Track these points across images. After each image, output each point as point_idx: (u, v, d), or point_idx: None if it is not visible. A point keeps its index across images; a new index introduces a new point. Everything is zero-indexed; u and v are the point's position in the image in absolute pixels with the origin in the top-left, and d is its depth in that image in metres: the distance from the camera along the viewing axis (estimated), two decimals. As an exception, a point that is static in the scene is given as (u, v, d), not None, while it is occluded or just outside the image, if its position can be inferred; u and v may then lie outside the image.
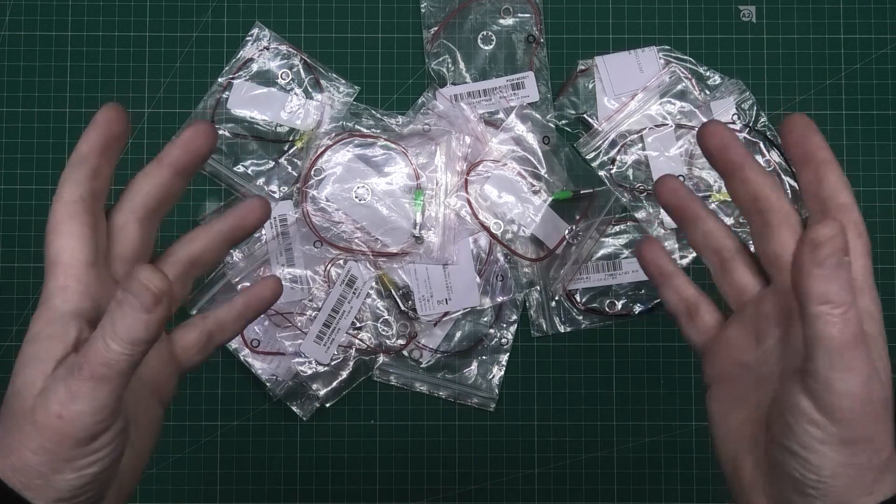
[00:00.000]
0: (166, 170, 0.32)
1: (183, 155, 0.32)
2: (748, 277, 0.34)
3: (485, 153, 0.57)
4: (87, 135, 0.31)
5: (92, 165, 0.31)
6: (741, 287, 0.34)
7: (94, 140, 0.31)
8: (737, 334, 0.33)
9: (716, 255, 0.34)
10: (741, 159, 0.33)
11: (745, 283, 0.34)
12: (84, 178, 0.30)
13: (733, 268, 0.34)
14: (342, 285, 0.56)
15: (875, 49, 0.58)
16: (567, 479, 0.57)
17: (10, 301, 0.57)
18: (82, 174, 0.30)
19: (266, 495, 0.57)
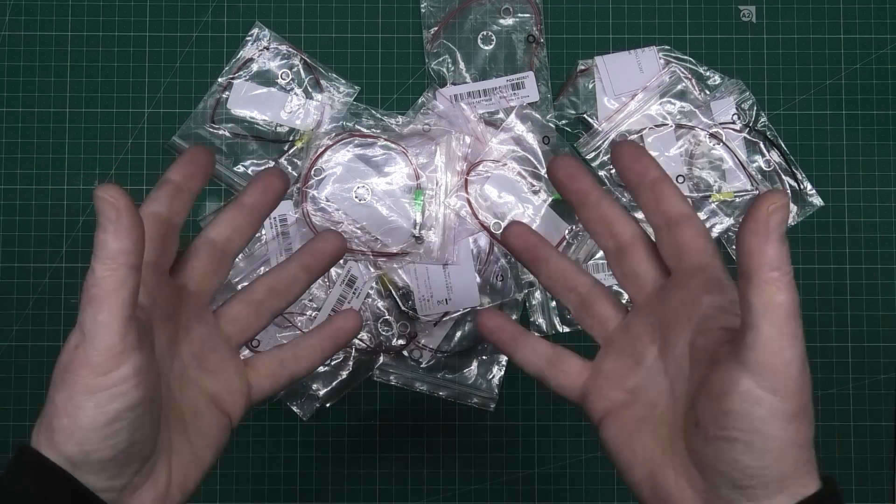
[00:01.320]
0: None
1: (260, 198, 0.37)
2: (608, 309, 0.35)
3: (485, 153, 0.57)
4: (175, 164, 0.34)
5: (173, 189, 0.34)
6: (603, 319, 0.35)
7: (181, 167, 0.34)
8: (613, 365, 0.34)
9: (572, 292, 0.36)
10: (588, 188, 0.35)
11: (607, 315, 0.35)
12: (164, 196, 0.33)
13: (592, 302, 0.35)
14: (342, 285, 0.56)
15: (875, 49, 0.58)
16: (567, 479, 0.58)
17: (10, 301, 0.57)
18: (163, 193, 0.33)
19: (266, 495, 0.57)
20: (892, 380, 0.58)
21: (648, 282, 0.34)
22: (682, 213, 0.32)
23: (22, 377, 0.57)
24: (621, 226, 0.34)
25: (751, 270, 0.26)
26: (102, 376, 0.28)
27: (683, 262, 0.32)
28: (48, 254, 0.57)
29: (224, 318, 0.36)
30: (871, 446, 0.57)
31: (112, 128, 0.58)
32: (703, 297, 0.31)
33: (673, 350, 0.32)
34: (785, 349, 0.26)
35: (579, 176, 0.34)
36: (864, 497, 0.57)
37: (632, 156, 0.33)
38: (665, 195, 0.32)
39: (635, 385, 0.33)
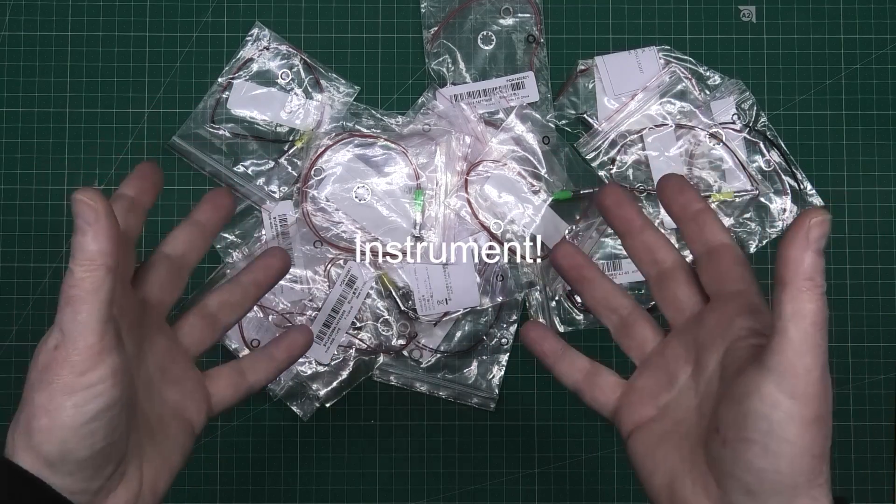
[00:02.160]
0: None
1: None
2: (647, 331, 0.37)
3: (485, 153, 0.57)
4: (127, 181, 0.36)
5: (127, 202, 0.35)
6: (642, 340, 0.37)
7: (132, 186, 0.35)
8: (647, 383, 0.36)
9: (614, 313, 0.38)
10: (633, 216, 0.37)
11: (645, 337, 0.37)
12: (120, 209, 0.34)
13: (632, 324, 0.37)
14: (342, 285, 0.56)
15: (875, 49, 0.58)
16: (567, 479, 0.57)
17: (10, 301, 0.57)
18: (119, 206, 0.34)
19: (266, 495, 0.57)
20: (892, 380, 0.58)
21: (688, 307, 0.36)
22: (723, 242, 0.34)
23: (22, 377, 0.57)
24: (664, 253, 0.37)
25: (786, 278, 0.28)
26: (82, 376, 0.29)
27: (722, 288, 0.34)
28: (48, 254, 0.57)
29: (181, 332, 0.38)
30: (871, 446, 0.57)
31: (112, 128, 0.58)
32: (737, 320, 0.32)
33: (705, 370, 0.33)
34: (807, 354, 0.28)
35: (626, 205, 0.37)
36: (864, 497, 0.57)
37: (676, 189, 0.36)
38: (707, 226, 0.35)
39: (667, 403, 0.35)
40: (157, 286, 0.37)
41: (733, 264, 0.34)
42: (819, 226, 0.28)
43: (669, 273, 0.36)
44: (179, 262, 0.37)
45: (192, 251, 0.38)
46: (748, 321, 0.32)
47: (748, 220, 0.57)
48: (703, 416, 0.33)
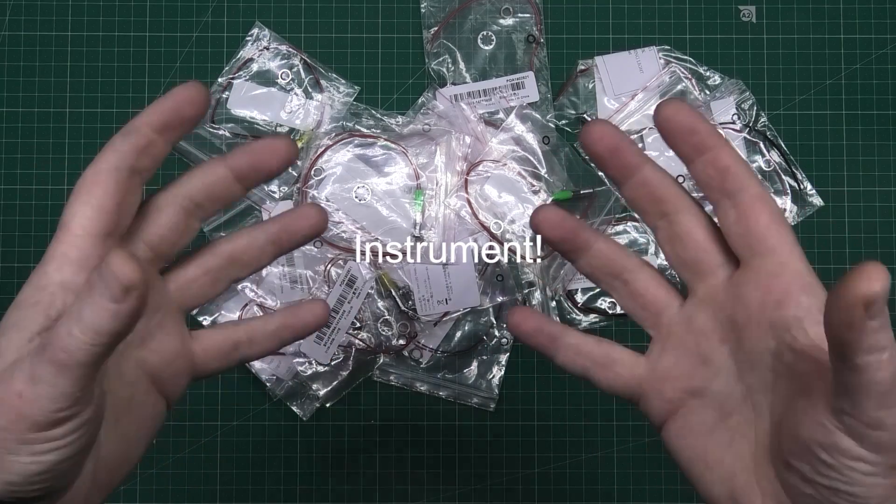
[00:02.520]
0: (227, 169, 0.30)
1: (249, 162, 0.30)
2: (661, 294, 0.30)
3: (485, 153, 0.57)
4: (151, 108, 0.29)
5: (142, 139, 0.28)
6: (657, 307, 0.30)
7: (155, 115, 0.28)
8: (674, 362, 0.30)
9: (617, 279, 0.31)
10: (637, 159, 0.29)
11: (661, 302, 0.30)
12: (128, 149, 0.28)
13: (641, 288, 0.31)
14: (342, 285, 0.56)
15: (875, 49, 0.58)
16: (567, 479, 0.57)
17: (10, 301, 0.57)
18: (127, 146, 0.28)
19: (266, 495, 0.57)
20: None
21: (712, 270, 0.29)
22: (753, 193, 0.27)
23: (22, 377, 0.57)
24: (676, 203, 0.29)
25: (841, 354, 0.23)
26: (42, 431, 0.24)
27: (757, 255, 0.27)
28: (48, 254, 0.57)
29: (175, 283, 0.31)
30: (871, 446, 0.57)
31: (112, 128, 0.58)
32: (788, 302, 0.26)
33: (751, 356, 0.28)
34: (885, 418, 0.23)
35: (623, 147, 0.29)
36: (864, 497, 0.57)
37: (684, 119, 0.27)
38: (731, 171, 0.27)
39: (702, 387, 0.29)
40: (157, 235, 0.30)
41: (769, 222, 0.27)
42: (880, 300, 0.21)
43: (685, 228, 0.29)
44: (192, 208, 0.31)
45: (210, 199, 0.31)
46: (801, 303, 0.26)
47: (748, 220, 0.57)
48: (760, 415, 0.27)
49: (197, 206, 0.31)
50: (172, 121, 0.29)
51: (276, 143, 0.30)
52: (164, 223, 0.30)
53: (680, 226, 0.29)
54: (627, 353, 0.31)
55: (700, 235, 0.29)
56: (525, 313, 0.32)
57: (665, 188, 0.29)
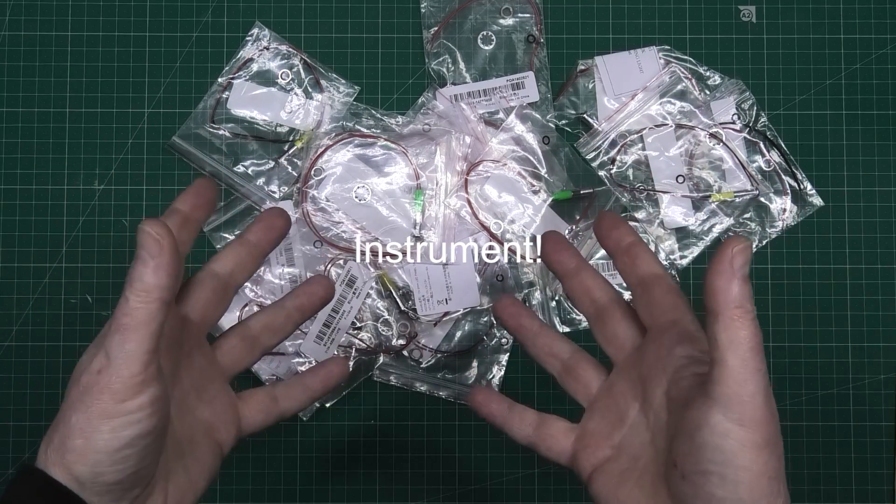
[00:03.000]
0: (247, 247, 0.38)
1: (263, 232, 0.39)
2: (590, 372, 0.38)
3: (485, 153, 0.57)
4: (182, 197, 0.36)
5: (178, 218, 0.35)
6: (586, 382, 0.37)
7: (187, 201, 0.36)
8: (598, 425, 0.36)
9: (555, 359, 0.39)
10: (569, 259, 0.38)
11: (589, 378, 0.37)
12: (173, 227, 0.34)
13: (574, 366, 0.38)
14: (342, 285, 0.56)
15: (875, 49, 0.58)
16: (567, 479, 0.57)
17: (10, 301, 0.57)
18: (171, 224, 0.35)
19: (266, 495, 0.57)
20: (892, 380, 0.58)
21: (627, 342, 0.36)
22: (655, 273, 0.35)
23: (22, 377, 0.57)
24: (599, 291, 0.37)
25: (717, 308, 0.28)
26: (122, 403, 0.29)
27: (657, 319, 0.34)
28: (48, 254, 0.57)
29: (220, 351, 0.38)
30: (871, 446, 0.57)
31: (112, 128, 0.58)
32: (676, 349, 0.33)
33: (652, 403, 0.34)
34: (749, 381, 0.28)
35: (562, 249, 0.38)
36: (864, 497, 0.57)
37: (609, 224, 0.37)
38: (639, 258, 0.35)
39: (620, 441, 0.35)
40: (200, 304, 0.37)
41: (665, 293, 0.34)
42: (742, 253, 0.28)
43: (606, 310, 0.37)
44: (226, 280, 0.37)
45: (240, 270, 0.38)
46: (686, 349, 0.33)
47: (748, 220, 0.57)
48: (659, 450, 0.33)
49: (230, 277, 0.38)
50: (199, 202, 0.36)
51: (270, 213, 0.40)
52: (207, 291, 0.37)
53: (603, 310, 0.37)
54: (563, 422, 0.38)
55: (617, 315, 0.37)
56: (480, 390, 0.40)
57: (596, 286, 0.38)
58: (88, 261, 0.57)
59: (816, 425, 0.57)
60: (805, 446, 0.57)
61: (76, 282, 0.57)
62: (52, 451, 0.30)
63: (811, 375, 0.57)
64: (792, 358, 0.57)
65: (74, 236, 0.57)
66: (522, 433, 0.38)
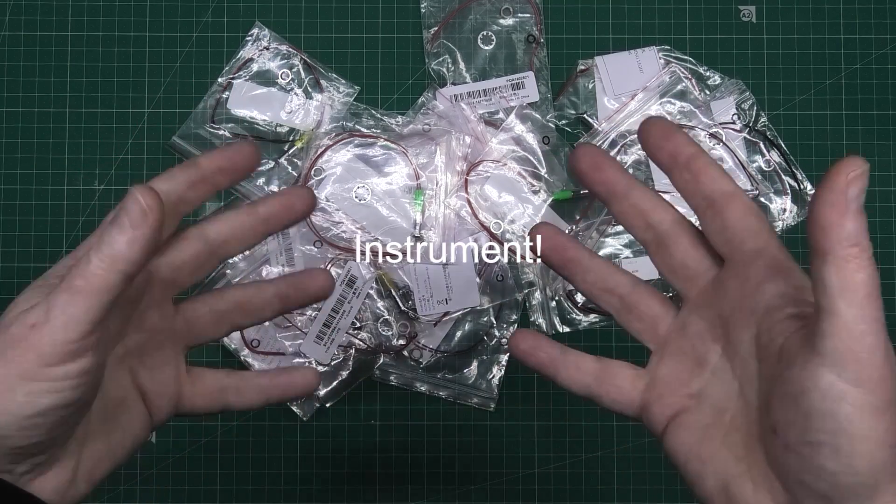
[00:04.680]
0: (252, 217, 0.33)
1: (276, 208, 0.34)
2: (656, 307, 0.32)
3: (485, 153, 0.57)
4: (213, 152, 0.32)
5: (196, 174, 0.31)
6: (652, 320, 0.32)
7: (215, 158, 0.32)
8: (672, 370, 0.31)
9: (612, 294, 0.32)
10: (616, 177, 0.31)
11: (655, 315, 0.32)
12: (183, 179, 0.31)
13: (636, 302, 0.32)
14: (342, 285, 0.56)
15: (875, 49, 0.58)
16: (567, 479, 0.57)
17: (11, 301, 0.57)
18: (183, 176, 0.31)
19: (266, 495, 0.57)
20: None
21: (700, 274, 0.30)
22: (726, 190, 0.29)
23: (22, 377, 0.57)
24: (659, 214, 0.31)
25: (827, 247, 0.23)
26: (46, 367, 0.26)
27: (737, 248, 0.29)
28: (48, 254, 0.57)
29: (183, 315, 0.34)
30: (871, 446, 0.57)
31: (112, 128, 0.58)
32: (766, 286, 0.28)
33: (738, 348, 0.29)
34: (867, 334, 0.23)
35: (605, 166, 0.31)
36: (864, 497, 0.57)
37: (662, 134, 0.30)
38: (703, 173, 0.29)
39: (700, 389, 0.30)
40: (176, 263, 0.32)
41: (744, 215, 0.28)
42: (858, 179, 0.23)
43: (670, 236, 0.31)
44: (215, 247, 0.33)
45: (235, 241, 0.33)
46: (779, 285, 0.27)
47: (748, 220, 0.57)
48: (749, 403, 0.28)
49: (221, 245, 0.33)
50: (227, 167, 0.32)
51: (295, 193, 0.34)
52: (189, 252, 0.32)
53: (665, 236, 0.31)
54: (629, 368, 0.32)
55: (685, 242, 0.30)
56: (523, 334, 0.33)
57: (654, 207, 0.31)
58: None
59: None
60: (805, 446, 0.57)
61: (76, 282, 0.57)
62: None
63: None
64: (792, 358, 0.57)
65: (74, 236, 0.57)
66: (581, 383, 0.32)
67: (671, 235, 0.31)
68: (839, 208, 0.23)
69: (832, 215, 0.23)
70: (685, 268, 0.31)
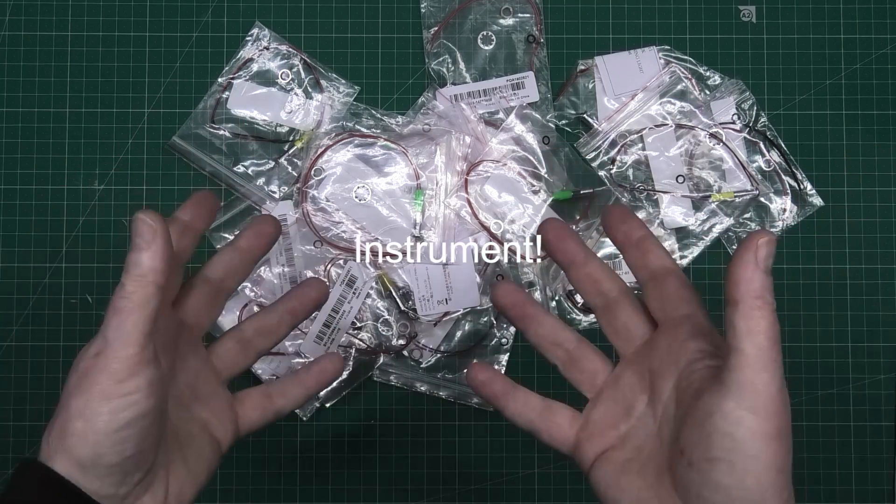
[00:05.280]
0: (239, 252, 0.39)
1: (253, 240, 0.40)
2: (596, 362, 0.37)
3: (485, 153, 0.57)
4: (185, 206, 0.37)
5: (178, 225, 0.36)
6: (592, 373, 0.37)
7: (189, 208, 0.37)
8: (604, 415, 0.36)
9: (559, 348, 0.37)
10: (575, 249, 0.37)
11: (595, 369, 0.37)
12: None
13: (580, 357, 0.37)
14: (342, 285, 0.56)
15: (875, 49, 0.58)
16: (567, 479, 0.57)
17: (10, 301, 0.57)
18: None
19: (266, 495, 0.57)
20: (892, 380, 0.58)
21: (637, 335, 0.36)
22: (666, 267, 0.35)
23: (22, 377, 0.57)
24: (609, 284, 0.36)
25: (738, 297, 0.28)
26: (120, 383, 0.30)
27: (670, 313, 0.34)
28: (48, 254, 0.57)
29: (214, 354, 0.39)
30: (871, 446, 0.57)
31: (112, 128, 0.58)
32: (690, 343, 0.33)
33: (661, 396, 0.34)
34: (765, 370, 0.28)
35: (567, 238, 0.37)
36: (864, 497, 0.57)
37: (619, 217, 0.36)
38: (650, 252, 0.35)
39: (626, 431, 0.35)
40: (194, 308, 0.38)
41: (678, 288, 0.34)
42: (766, 245, 0.28)
43: (616, 302, 0.36)
44: (218, 286, 0.38)
45: (231, 276, 0.39)
46: (699, 343, 0.33)
47: (748, 220, 0.57)
48: (664, 442, 0.33)
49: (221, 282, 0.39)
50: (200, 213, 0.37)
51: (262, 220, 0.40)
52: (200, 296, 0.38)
53: (612, 302, 0.36)
54: (568, 410, 0.37)
55: (627, 308, 0.36)
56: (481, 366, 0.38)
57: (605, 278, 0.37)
58: (88, 261, 0.57)
59: (816, 425, 0.57)
60: (805, 446, 0.57)
61: (76, 282, 0.57)
62: (54, 438, 0.30)
63: (811, 375, 0.57)
64: (792, 358, 0.57)
65: (74, 236, 0.57)
66: (525, 418, 0.37)
67: (617, 302, 0.36)
68: (750, 267, 0.28)
69: (744, 272, 0.28)
70: (626, 329, 0.36)
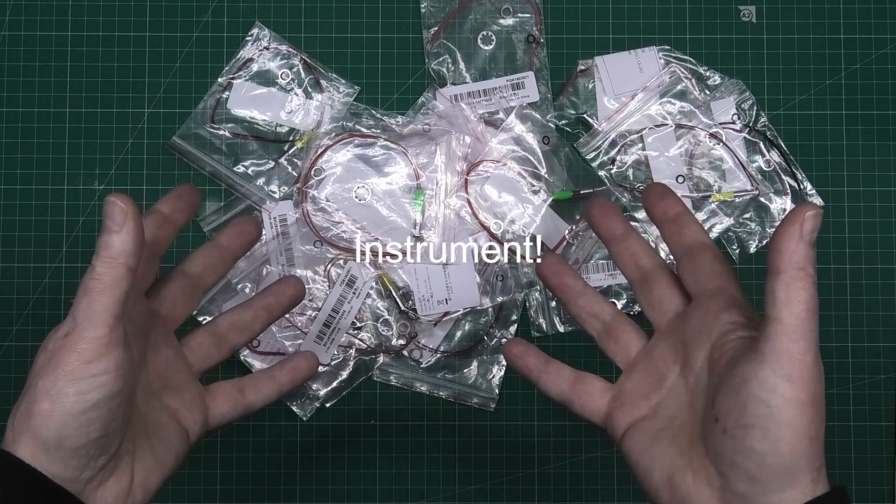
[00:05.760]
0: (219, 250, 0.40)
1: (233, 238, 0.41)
2: (630, 335, 0.38)
3: (485, 153, 0.57)
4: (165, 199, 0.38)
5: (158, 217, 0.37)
6: (626, 344, 0.38)
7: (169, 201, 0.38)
8: (636, 386, 0.37)
9: (596, 319, 0.39)
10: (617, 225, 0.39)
11: (630, 340, 0.38)
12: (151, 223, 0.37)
13: (616, 328, 0.39)
14: (342, 285, 0.56)
15: (875, 49, 0.58)
16: (567, 479, 0.58)
17: (10, 301, 0.57)
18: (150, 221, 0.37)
19: (266, 495, 0.57)
20: (892, 380, 0.58)
21: (671, 307, 0.37)
22: (701, 241, 0.36)
23: (22, 377, 0.57)
24: (646, 258, 0.38)
25: (780, 266, 0.29)
26: (88, 364, 0.30)
27: (703, 287, 0.35)
28: (48, 254, 0.57)
29: (188, 346, 0.39)
30: (871, 446, 0.57)
31: (112, 128, 0.58)
32: (722, 315, 0.34)
33: (693, 367, 0.34)
34: (802, 339, 0.29)
35: (611, 214, 0.39)
36: (864, 497, 0.57)
37: (658, 194, 0.37)
38: (686, 227, 0.36)
39: (658, 402, 0.36)
40: (169, 300, 0.38)
41: (712, 262, 0.35)
42: (813, 219, 0.29)
43: (651, 275, 0.38)
44: (195, 280, 0.39)
45: (209, 272, 0.40)
46: (733, 315, 0.33)
47: (748, 220, 0.57)
48: (697, 411, 0.34)
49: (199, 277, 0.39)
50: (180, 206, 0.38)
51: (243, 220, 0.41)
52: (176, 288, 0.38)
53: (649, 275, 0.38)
54: (600, 381, 0.38)
55: (663, 281, 0.38)
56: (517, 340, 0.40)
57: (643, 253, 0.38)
58: (88, 261, 0.57)
59: (816, 425, 0.57)
60: (805, 446, 0.57)
61: (76, 282, 0.57)
62: (19, 420, 0.30)
63: (811, 375, 0.57)
64: (792, 358, 0.57)
65: (74, 236, 0.57)
66: (557, 389, 0.39)
67: (653, 275, 0.38)
68: (795, 238, 0.29)
69: (789, 243, 0.29)
70: (661, 302, 0.37)
